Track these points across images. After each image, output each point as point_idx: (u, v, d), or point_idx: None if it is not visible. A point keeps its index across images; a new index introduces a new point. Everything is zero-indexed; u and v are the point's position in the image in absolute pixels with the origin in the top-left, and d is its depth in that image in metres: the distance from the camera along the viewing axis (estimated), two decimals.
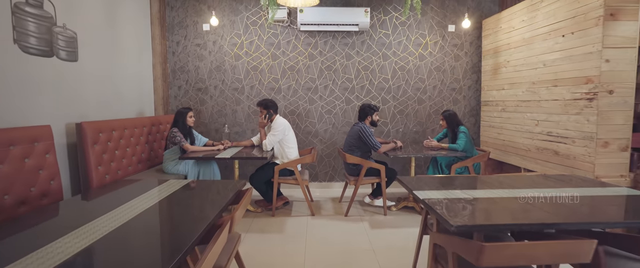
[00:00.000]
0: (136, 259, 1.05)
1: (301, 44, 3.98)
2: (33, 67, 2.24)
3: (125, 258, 1.04)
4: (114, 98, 3.14)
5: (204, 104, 4.09)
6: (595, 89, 2.42)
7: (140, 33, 3.62)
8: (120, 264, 1.00)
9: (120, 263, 1.00)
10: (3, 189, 1.81)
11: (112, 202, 1.61)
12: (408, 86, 4.07)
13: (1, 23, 2.01)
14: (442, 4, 3.97)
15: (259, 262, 2.27)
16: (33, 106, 2.24)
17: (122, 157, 2.93)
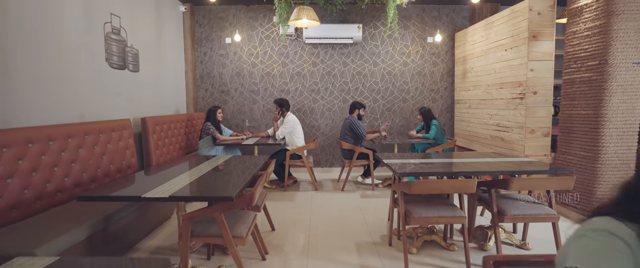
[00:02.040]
0: (219, 190, 1.93)
1: (306, 53, 4.86)
2: (115, 77, 3.14)
3: (213, 189, 1.92)
4: (160, 99, 4.04)
5: (226, 103, 4.99)
6: (524, 90, 3.27)
7: (176, 47, 4.53)
8: (210, 189, 1.87)
9: (210, 189, 1.88)
10: (108, 161, 2.70)
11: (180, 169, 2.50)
12: (394, 88, 4.94)
13: (98, 47, 2.91)
14: (422, 20, 4.83)
15: (276, 218, 3.15)
16: (116, 105, 3.14)
17: (169, 144, 3.83)
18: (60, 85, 2.44)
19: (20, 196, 1.86)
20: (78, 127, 2.39)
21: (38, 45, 2.24)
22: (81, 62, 2.67)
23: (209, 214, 1.79)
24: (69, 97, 2.52)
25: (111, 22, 3.09)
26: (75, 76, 2.59)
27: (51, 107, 2.34)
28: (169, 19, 4.26)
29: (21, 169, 1.88)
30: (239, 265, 1.86)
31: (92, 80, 2.80)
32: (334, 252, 2.42)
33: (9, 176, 1.81)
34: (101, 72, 2.94)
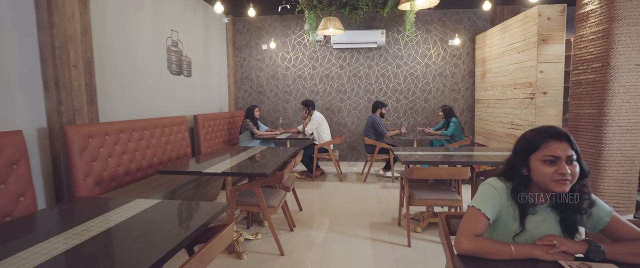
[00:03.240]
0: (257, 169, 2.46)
1: (334, 57, 5.34)
2: (174, 82, 3.83)
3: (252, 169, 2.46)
4: (207, 99, 4.72)
5: (263, 103, 5.60)
6: (534, 91, 3.50)
7: (220, 54, 5.20)
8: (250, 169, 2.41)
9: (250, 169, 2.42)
10: (170, 149, 3.36)
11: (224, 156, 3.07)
12: (416, 88, 5.26)
13: (162, 58, 3.59)
14: (443, 24, 5.11)
15: (304, 202, 3.66)
16: (174, 105, 3.82)
17: (215, 137, 4.49)
18: (139, 88, 3.13)
19: (115, 171, 2.53)
20: (150, 121, 3.06)
21: (124, 58, 2.93)
22: (151, 70, 3.36)
23: (249, 188, 2.33)
24: (144, 98, 3.21)
25: (171, 36, 3.77)
26: (148, 81, 3.28)
27: (133, 105, 3.03)
28: (214, 30, 4.94)
29: (116, 152, 2.55)
30: (272, 229, 2.39)
31: (159, 85, 3.49)
32: (350, 228, 2.88)
33: (109, 156, 2.48)
34: (164, 77, 3.63)
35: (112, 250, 1.10)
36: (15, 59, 1.99)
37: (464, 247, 0.96)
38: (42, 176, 2.15)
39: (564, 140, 0.98)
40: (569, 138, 0.99)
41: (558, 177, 0.96)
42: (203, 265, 1.10)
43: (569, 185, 0.97)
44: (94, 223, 1.26)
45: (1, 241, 1.13)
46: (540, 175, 0.99)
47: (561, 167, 0.96)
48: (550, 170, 0.98)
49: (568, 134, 1.00)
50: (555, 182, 0.97)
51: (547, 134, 1.00)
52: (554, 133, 0.99)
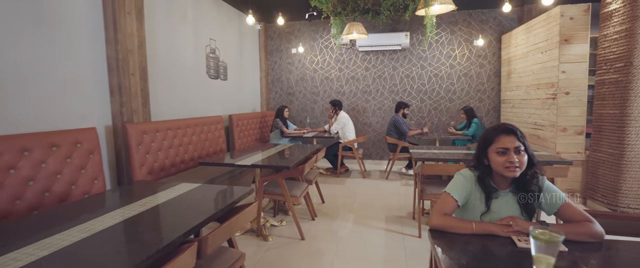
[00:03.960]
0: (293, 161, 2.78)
1: (359, 60, 5.56)
2: (212, 85, 4.28)
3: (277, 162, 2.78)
4: (241, 100, 5.16)
5: (292, 103, 5.96)
6: (556, 91, 3.50)
7: (253, 58, 5.63)
8: (285, 161, 2.74)
9: (285, 161, 2.74)
10: (208, 145, 3.79)
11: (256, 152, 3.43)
12: (441, 89, 5.34)
13: (201, 64, 4.04)
14: (468, 25, 5.14)
15: (327, 196, 3.94)
16: (212, 106, 4.27)
17: (248, 135, 4.91)
18: (183, 91, 3.59)
19: (163, 162, 2.97)
20: (191, 121, 3.50)
21: (170, 66, 3.39)
22: (192, 75, 3.81)
23: (274, 178, 2.66)
24: (187, 99, 3.67)
25: (210, 44, 4.23)
26: (189, 85, 3.74)
27: (178, 106, 3.49)
28: (248, 36, 5.37)
29: (164, 146, 3.00)
30: (294, 215, 2.70)
31: (199, 88, 3.95)
32: (367, 219, 3.12)
33: (158, 150, 2.92)
34: (203, 81, 4.08)
35: (161, 218, 1.46)
36: (90, 70, 2.47)
37: (434, 223, 1.19)
38: (108, 164, 2.62)
39: (512, 134, 1.18)
40: (516, 132, 1.19)
41: (508, 164, 1.16)
42: (231, 232, 1.43)
43: (518, 171, 1.17)
44: (148, 200, 1.64)
45: (84, 210, 1.54)
46: (495, 164, 1.20)
47: (510, 156, 1.16)
48: (502, 159, 1.18)
49: (515, 129, 1.20)
50: (506, 169, 1.17)
51: (499, 130, 1.20)
52: (504, 129, 1.20)
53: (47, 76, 2.16)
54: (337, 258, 2.39)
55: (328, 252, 2.48)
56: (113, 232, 1.25)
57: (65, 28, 2.29)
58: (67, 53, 2.29)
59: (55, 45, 2.21)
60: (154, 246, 1.11)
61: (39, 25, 2.12)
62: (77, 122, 2.35)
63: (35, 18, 2.09)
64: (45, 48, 2.15)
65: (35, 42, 2.09)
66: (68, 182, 2.06)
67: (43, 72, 2.14)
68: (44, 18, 2.14)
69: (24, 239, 1.16)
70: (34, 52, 2.08)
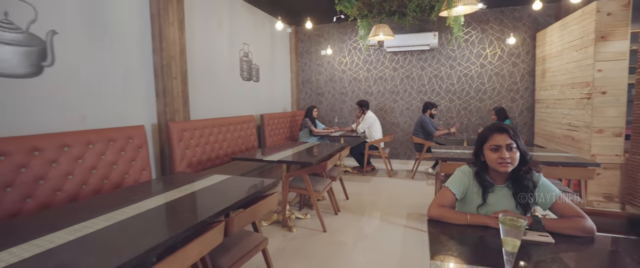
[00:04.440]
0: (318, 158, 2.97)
1: (387, 60, 5.63)
2: (245, 86, 4.58)
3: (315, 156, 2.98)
4: (272, 100, 5.44)
5: (321, 103, 6.15)
6: (591, 91, 3.37)
7: (284, 60, 5.89)
8: (310, 158, 2.93)
9: (311, 158, 2.93)
10: (241, 142, 4.09)
11: (285, 149, 3.65)
12: (471, 89, 5.26)
13: (235, 67, 4.35)
14: (500, 22, 5.02)
15: (351, 193, 4.08)
16: (245, 106, 4.58)
17: (278, 134, 5.17)
18: (218, 93, 3.91)
19: (200, 157, 3.29)
20: (226, 120, 3.81)
21: (207, 69, 3.72)
22: (227, 78, 4.13)
23: (299, 174, 2.86)
24: (222, 100, 3.99)
25: (243, 48, 4.53)
26: (224, 87, 4.06)
27: (214, 106, 3.81)
28: (279, 39, 5.64)
29: (201, 143, 3.31)
30: (316, 208, 2.88)
31: (233, 89, 4.26)
32: (389, 216, 3.22)
33: (196, 146, 3.24)
34: (237, 83, 4.39)
35: (196, 202, 1.70)
36: (140, 76, 2.82)
37: (431, 214, 1.31)
38: (154, 157, 2.97)
39: (504, 133, 1.26)
40: (508, 131, 1.26)
41: (500, 160, 1.25)
42: (254, 216, 1.63)
43: (510, 167, 1.25)
44: (186, 187, 1.90)
45: (135, 194, 1.82)
46: (489, 160, 1.29)
47: (502, 153, 1.25)
48: (495, 156, 1.27)
49: (507, 128, 1.27)
50: (499, 164, 1.26)
51: (493, 129, 1.29)
52: (498, 128, 1.28)
53: (107, 83, 2.52)
54: (356, 249, 2.53)
55: (347, 243, 2.64)
56: (157, 212, 1.51)
57: (121, 42, 2.65)
58: (122, 63, 2.65)
59: (113, 56, 2.57)
60: (189, 223, 1.34)
61: (101, 41, 2.48)
62: (129, 120, 2.71)
63: (98, 36, 2.46)
64: (106, 59, 2.51)
65: (99, 55, 2.46)
66: (122, 172, 2.40)
67: (104, 80, 2.50)
68: (105, 35, 2.51)
69: (92, 214, 1.45)
70: (98, 64, 2.45)
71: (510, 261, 0.87)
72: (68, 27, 2.24)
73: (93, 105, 2.43)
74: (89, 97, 2.39)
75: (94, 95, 2.43)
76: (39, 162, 1.91)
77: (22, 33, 1.98)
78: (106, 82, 2.53)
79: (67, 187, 2.04)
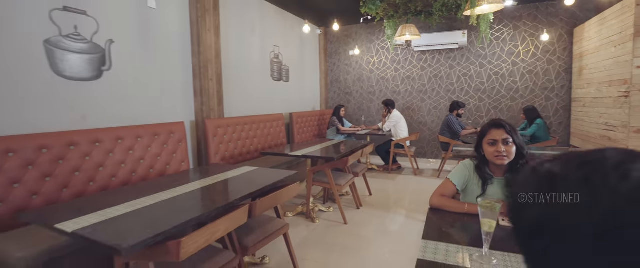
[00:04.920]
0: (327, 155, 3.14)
1: (415, 59, 5.64)
2: (275, 86, 4.84)
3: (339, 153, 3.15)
4: (301, 99, 5.67)
5: (349, 103, 6.29)
6: (629, 88, 3.21)
7: (313, 61, 6.10)
8: (334, 154, 3.11)
9: (335, 154, 3.11)
10: (270, 139, 4.34)
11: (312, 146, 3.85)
12: (501, 87, 5.13)
13: (266, 68, 4.62)
14: (534, 18, 4.85)
15: (375, 190, 4.18)
16: (275, 104, 4.84)
17: (307, 131, 5.39)
18: (250, 92, 4.19)
19: (233, 152, 3.58)
20: (256, 118, 4.08)
21: (240, 71, 4.01)
22: (258, 79, 4.41)
23: (321, 168, 3.04)
24: (253, 99, 4.27)
25: (274, 50, 4.79)
26: (256, 87, 4.34)
27: (246, 105, 4.10)
28: (309, 41, 5.85)
29: (235, 139, 3.60)
30: (338, 201, 3.04)
31: (264, 89, 4.53)
32: (410, 211, 3.31)
33: (229, 141, 3.54)
34: (268, 83, 4.66)
35: (226, 188, 1.94)
36: (180, 77, 3.16)
37: (432, 202, 1.43)
38: (192, 150, 3.30)
39: (501, 128, 1.35)
40: (505, 126, 1.35)
41: (497, 153, 1.34)
42: (276, 202, 1.84)
43: (506, 160, 1.33)
44: (218, 176, 2.15)
45: (175, 181, 2.10)
46: (487, 153, 1.38)
47: (498, 146, 1.34)
48: (492, 149, 1.36)
49: (504, 124, 1.36)
50: (496, 157, 1.35)
51: (491, 124, 1.38)
52: (495, 123, 1.37)
53: (153, 83, 2.87)
54: (375, 242, 2.67)
55: (367, 236, 2.77)
56: (194, 194, 1.76)
57: (165, 47, 2.99)
58: (164, 66, 2.99)
59: (157, 60, 2.92)
60: (219, 203, 1.57)
61: (148, 47, 2.82)
62: (171, 117, 3.04)
63: (146, 43, 2.80)
64: (152, 63, 2.86)
65: (146, 60, 2.80)
66: (165, 162, 2.73)
67: (150, 81, 2.84)
68: (152, 42, 2.85)
69: (142, 195, 1.73)
70: (145, 67, 2.79)
71: (488, 240, 0.99)
72: (122, 36, 2.59)
73: (141, 103, 2.77)
74: (138, 97, 2.74)
75: (142, 95, 2.78)
76: (100, 152, 2.26)
77: (87, 43, 2.34)
78: (152, 83, 2.87)
79: (121, 174, 2.38)
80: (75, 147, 2.13)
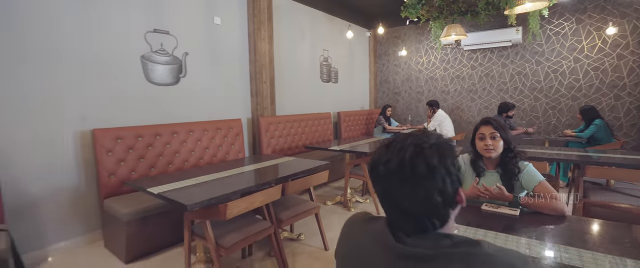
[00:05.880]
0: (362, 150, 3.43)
1: (465, 59, 5.56)
2: (324, 87, 5.24)
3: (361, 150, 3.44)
4: (350, 99, 5.99)
5: (397, 103, 6.42)
6: None
7: (363, 62, 6.37)
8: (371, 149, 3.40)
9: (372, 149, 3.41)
10: (318, 135, 4.75)
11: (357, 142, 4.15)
12: (561, 86, 4.82)
13: (315, 70, 5.04)
14: (602, 10, 4.47)
15: None
16: (323, 104, 5.24)
17: (354, 129, 5.70)
18: (300, 93, 4.66)
19: (282, 146, 4.07)
20: (304, 116, 4.53)
21: (291, 74, 4.50)
22: (308, 80, 4.86)
23: (358, 162, 3.34)
24: (303, 99, 4.73)
25: (323, 54, 5.20)
26: (305, 88, 4.79)
27: (296, 105, 4.58)
28: (358, 43, 6.14)
29: (285, 134, 4.09)
30: (373, 195, 3.32)
31: (313, 90, 4.97)
32: None
33: (279, 136, 4.03)
34: (317, 85, 5.09)
35: (270, 172, 2.38)
36: (239, 80, 3.73)
37: None
38: (247, 143, 3.87)
39: (488, 124, 1.52)
40: (491, 123, 1.52)
41: (485, 147, 1.52)
42: (305, 185, 2.22)
43: (493, 153, 1.51)
44: (266, 163, 2.61)
45: (234, 165, 2.61)
46: (477, 147, 1.57)
47: (486, 141, 1.52)
48: (481, 144, 1.54)
49: (491, 121, 1.53)
50: (484, 151, 1.53)
51: (481, 121, 1.57)
52: (484, 121, 1.55)
53: (217, 87, 3.47)
54: None
55: None
56: (243, 175, 2.23)
57: (226, 57, 3.58)
58: (227, 72, 3.58)
59: (221, 67, 3.52)
60: (262, 180, 2.01)
61: (213, 58, 3.43)
62: (231, 115, 3.63)
63: (212, 52, 3.41)
64: (216, 69, 3.47)
65: (212, 67, 3.41)
66: (225, 152, 3.31)
67: (215, 85, 3.45)
68: (216, 52, 3.46)
69: (204, 174, 2.26)
70: (211, 73, 3.41)
71: None
72: (194, 48, 3.23)
73: (208, 103, 3.39)
74: (205, 98, 3.37)
75: (208, 96, 3.40)
76: (177, 141, 2.89)
77: (169, 56, 3.00)
78: (217, 86, 3.48)
79: (191, 159, 3.00)
80: (160, 137, 2.78)
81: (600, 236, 1.25)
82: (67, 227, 2.46)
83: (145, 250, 2.35)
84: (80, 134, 2.49)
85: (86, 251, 2.47)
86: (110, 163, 2.47)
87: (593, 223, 1.34)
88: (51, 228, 2.39)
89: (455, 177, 0.67)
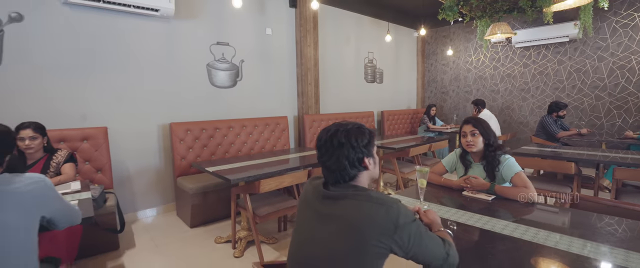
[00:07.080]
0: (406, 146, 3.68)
1: (516, 56, 5.36)
2: (368, 88, 5.53)
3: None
4: (395, 99, 6.17)
5: (445, 102, 6.40)
6: None
7: (410, 62, 6.48)
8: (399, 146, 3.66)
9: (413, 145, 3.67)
10: None
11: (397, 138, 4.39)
12: (629, 83, 4.41)
13: (360, 72, 5.36)
14: None
15: None
16: (367, 103, 5.53)
17: (397, 128, 5.88)
18: (344, 93, 5.04)
19: None
20: (347, 114, 4.89)
21: (335, 76, 4.90)
22: (352, 81, 5.21)
23: (388, 157, 3.62)
24: (347, 99, 5.10)
25: (368, 56, 5.49)
26: (350, 88, 5.15)
27: (340, 104, 4.97)
28: (405, 44, 6.28)
29: None
30: (402, 187, 3.56)
31: (357, 90, 5.31)
32: None
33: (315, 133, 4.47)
34: (361, 85, 5.41)
35: (304, 159, 2.81)
36: (286, 82, 4.25)
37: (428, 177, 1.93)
38: (293, 137, 4.38)
39: (469, 123, 1.73)
40: (471, 122, 1.72)
41: (466, 143, 1.74)
42: None
43: (473, 147, 1.72)
44: (304, 153, 3.06)
45: (281, 153, 3.12)
46: (462, 143, 1.79)
47: (467, 137, 1.73)
48: (464, 140, 1.76)
49: (471, 120, 1.73)
50: (466, 146, 1.75)
51: (464, 121, 1.77)
52: (466, 120, 1.76)
53: (267, 89, 4.04)
54: None
55: None
56: (280, 162, 2.72)
57: (276, 62, 4.12)
58: (276, 75, 4.13)
59: (272, 71, 4.07)
60: (291, 166, 2.47)
61: (264, 64, 4.00)
62: (279, 113, 4.17)
63: (264, 59, 3.98)
64: (268, 73, 4.03)
65: (264, 71, 3.98)
66: (273, 144, 3.85)
67: (266, 87, 4.02)
68: (268, 58, 4.02)
69: (251, 160, 2.79)
70: (263, 76, 3.98)
71: (422, 193, 1.51)
72: (249, 56, 3.82)
73: (260, 102, 3.97)
74: (257, 98, 3.95)
75: (260, 97, 3.98)
76: (232, 134, 3.50)
77: (229, 63, 3.63)
78: (267, 88, 4.05)
79: (244, 149, 3.60)
80: (219, 130, 3.41)
81: (553, 218, 1.42)
82: (151, 197, 3.21)
83: (206, 219, 2.97)
84: (161, 127, 3.22)
85: (163, 217, 3.20)
86: (182, 150, 3.16)
87: (558, 211, 1.50)
88: (139, 197, 3.16)
89: (358, 149, 1.00)
